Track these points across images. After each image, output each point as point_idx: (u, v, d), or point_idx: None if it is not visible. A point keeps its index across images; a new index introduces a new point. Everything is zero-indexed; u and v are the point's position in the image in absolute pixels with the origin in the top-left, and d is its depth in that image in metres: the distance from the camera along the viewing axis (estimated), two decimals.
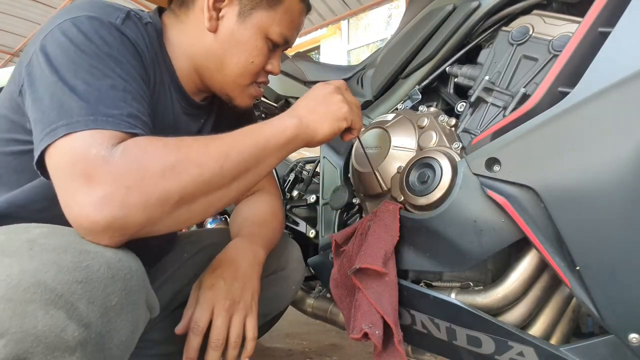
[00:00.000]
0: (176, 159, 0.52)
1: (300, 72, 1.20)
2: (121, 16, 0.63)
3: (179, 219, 0.54)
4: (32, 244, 0.46)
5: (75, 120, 0.51)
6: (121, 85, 0.57)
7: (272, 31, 0.74)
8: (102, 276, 0.47)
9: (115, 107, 0.54)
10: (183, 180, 0.52)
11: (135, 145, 0.52)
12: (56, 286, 0.43)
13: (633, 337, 0.56)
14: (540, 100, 0.63)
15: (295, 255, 0.97)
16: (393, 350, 0.72)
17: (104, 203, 0.48)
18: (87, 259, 0.47)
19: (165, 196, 0.51)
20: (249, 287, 0.72)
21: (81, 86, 0.54)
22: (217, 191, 0.57)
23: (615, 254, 0.56)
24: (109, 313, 0.47)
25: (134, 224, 0.50)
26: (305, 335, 1.66)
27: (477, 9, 0.79)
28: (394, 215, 0.77)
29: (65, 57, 0.56)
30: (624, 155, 0.54)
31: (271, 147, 0.62)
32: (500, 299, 0.69)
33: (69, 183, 0.50)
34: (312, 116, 0.67)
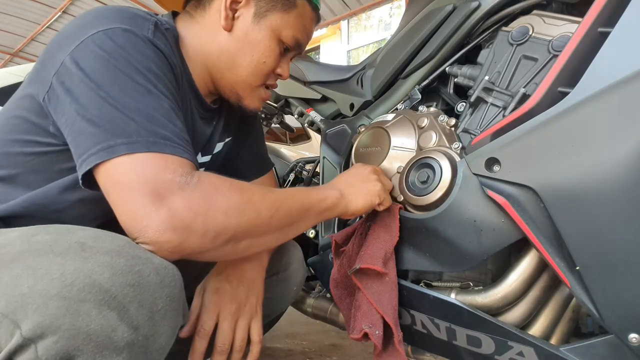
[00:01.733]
0: (240, 201, 0.57)
1: (300, 72, 1.20)
2: (151, 28, 0.64)
3: (223, 252, 0.58)
4: (83, 246, 0.48)
5: (135, 140, 0.54)
6: (166, 102, 0.59)
7: (285, 34, 0.76)
8: (151, 281, 0.49)
9: (165, 128, 0.57)
10: (241, 220, 0.57)
11: (207, 179, 0.56)
12: (110, 288, 0.45)
13: (633, 337, 0.56)
14: (540, 100, 0.63)
15: (297, 257, 0.97)
16: (393, 350, 0.72)
17: (171, 222, 0.51)
18: (139, 264, 0.49)
19: (223, 230, 0.55)
20: (254, 290, 0.73)
21: (131, 103, 0.55)
22: (261, 237, 0.61)
23: (615, 254, 0.56)
24: (154, 317, 0.49)
25: (189, 248, 0.53)
26: (305, 335, 1.66)
27: (477, 9, 0.79)
28: (394, 215, 0.77)
29: (107, 71, 0.56)
30: (624, 155, 0.54)
31: (314, 211, 0.69)
32: (500, 299, 0.69)
33: (136, 198, 0.52)
34: (351, 191, 0.75)
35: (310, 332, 1.71)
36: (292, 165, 1.36)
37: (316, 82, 1.15)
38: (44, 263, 0.46)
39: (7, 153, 0.64)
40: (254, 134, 1.00)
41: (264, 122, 1.48)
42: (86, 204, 0.65)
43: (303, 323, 1.78)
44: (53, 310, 0.42)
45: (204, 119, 0.82)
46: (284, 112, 1.37)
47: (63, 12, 6.94)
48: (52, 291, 0.43)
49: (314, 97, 1.16)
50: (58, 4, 6.65)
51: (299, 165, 1.34)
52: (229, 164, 0.96)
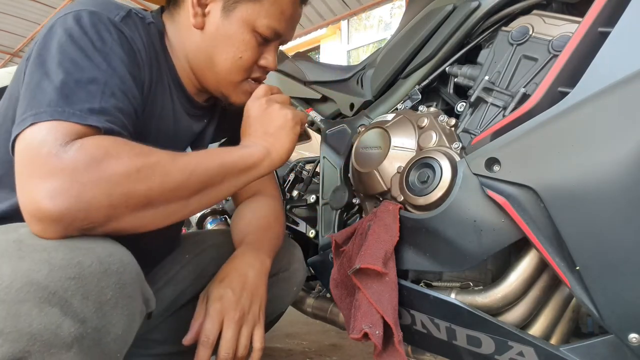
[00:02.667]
0: (142, 164, 0.53)
1: (300, 72, 1.20)
2: (121, 14, 0.63)
3: (144, 220, 0.55)
4: (20, 244, 0.46)
5: (42, 111, 0.51)
6: (103, 79, 0.56)
7: (259, 24, 0.71)
8: (94, 271, 0.47)
9: (88, 101, 0.53)
10: (147, 184, 0.53)
11: (94, 143, 0.50)
12: (49, 284, 0.44)
13: (633, 337, 0.56)
14: (540, 100, 0.63)
15: (297, 257, 0.97)
16: (393, 350, 0.72)
17: (54, 195, 0.47)
18: (78, 256, 0.47)
19: (129, 195, 0.51)
20: (257, 298, 0.72)
21: (60, 76, 0.53)
22: (179, 201, 0.58)
23: (615, 254, 0.56)
24: (103, 307, 0.47)
25: (95, 218, 0.49)
26: (305, 335, 1.66)
27: (477, 9, 0.79)
28: (394, 215, 0.77)
29: (55, 48, 0.56)
30: (624, 155, 0.54)
31: (236, 169, 0.64)
32: (500, 299, 0.69)
33: (23, 174, 0.49)
34: (268, 140, 0.69)
35: (310, 332, 1.71)
36: (292, 165, 1.36)
37: (316, 82, 1.15)
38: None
39: None
40: None
41: None
42: None
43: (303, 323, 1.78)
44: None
45: (193, 115, 0.80)
46: None
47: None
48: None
49: (314, 97, 1.16)
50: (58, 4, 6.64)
51: (299, 165, 1.34)
52: None
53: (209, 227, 1.42)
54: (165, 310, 0.87)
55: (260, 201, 0.93)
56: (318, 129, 1.14)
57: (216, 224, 1.42)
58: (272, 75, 1.26)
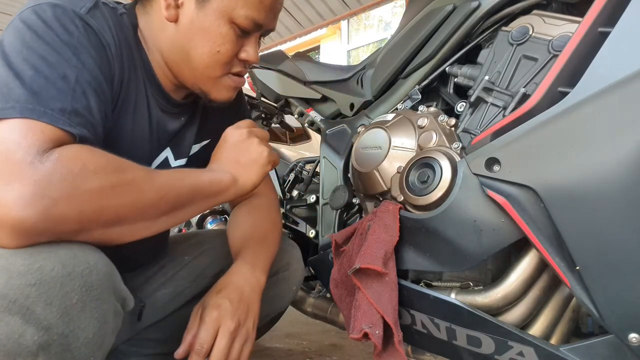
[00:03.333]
0: (117, 181, 0.52)
1: (300, 72, 1.20)
2: (87, 5, 0.60)
3: (112, 235, 0.53)
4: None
5: (10, 106, 0.48)
6: (73, 76, 0.54)
7: (236, 15, 0.66)
8: (56, 275, 0.46)
9: (59, 100, 0.51)
10: (121, 201, 0.52)
11: (72, 156, 0.49)
12: (8, 292, 0.43)
13: (633, 337, 0.56)
14: (540, 100, 0.63)
15: (296, 257, 0.97)
16: (393, 350, 0.72)
17: (23, 206, 0.44)
18: (39, 260, 0.45)
19: (100, 212, 0.50)
20: (251, 312, 0.71)
21: (28, 72, 0.51)
22: (147, 221, 0.57)
23: (615, 254, 0.56)
24: (69, 312, 0.46)
25: (62, 231, 0.48)
26: (305, 335, 1.66)
27: (477, 9, 0.79)
28: (394, 215, 0.77)
29: (18, 43, 0.53)
30: (624, 155, 0.54)
31: (204, 194, 0.64)
32: (500, 299, 0.69)
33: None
34: (238, 169, 0.69)
35: (310, 332, 1.71)
36: (292, 165, 1.36)
37: (316, 82, 1.15)
38: None
39: None
40: None
41: (263, 122, 1.48)
42: None
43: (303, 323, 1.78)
44: None
45: (169, 113, 0.77)
46: (284, 112, 1.37)
47: None
48: None
49: (314, 97, 1.16)
50: None
51: (299, 165, 1.34)
52: None
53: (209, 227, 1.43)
54: (162, 310, 0.87)
55: (257, 206, 0.90)
56: (318, 129, 1.14)
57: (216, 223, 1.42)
58: (272, 75, 1.26)
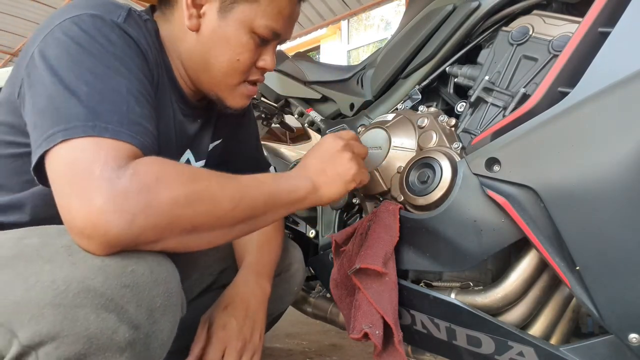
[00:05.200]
0: (191, 190, 0.52)
1: (300, 72, 1.20)
2: (123, 14, 0.61)
3: (188, 243, 0.54)
4: (70, 250, 0.48)
5: (72, 126, 0.50)
6: (124, 87, 0.55)
7: (257, 25, 0.68)
8: (146, 280, 0.49)
9: (116, 113, 0.52)
10: (195, 210, 0.52)
11: (146, 169, 0.50)
12: (105, 291, 0.46)
13: (633, 337, 0.56)
14: (540, 100, 0.63)
15: (297, 257, 0.97)
16: (393, 350, 0.72)
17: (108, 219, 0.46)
18: (131, 264, 0.48)
19: (176, 221, 0.51)
20: (257, 326, 0.75)
21: (82, 88, 0.52)
22: (224, 229, 0.57)
23: (615, 254, 0.56)
24: (154, 314, 0.49)
25: (142, 241, 0.50)
26: (305, 335, 1.66)
27: (477, 9, 0.79)
28: (394, 215, 0.77)
29: (66, 57, 0.54)
30: (624, 155, 0.54)
31: (282, 202, 0.63)
32: (500, 299, 0.69)
33: (71, 193, 0.48)
34: (322, 179, 0.68)
35: (310, 332, 1.71)
36: (292, 165, 1.36)
37: (316, 82, 1.15)
38: (34, 269, 0.46)
39: None
40: (247, 133, 0.96)
41: (264, 122, 1.48)
42: None
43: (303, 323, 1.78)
44: (50, 318, 0.43)
45: (187, 116, 0.78)
46: (284, 112, 1.37)
47: None
48: (46, 299, 0.43)
49: (314, 97, 1.16)
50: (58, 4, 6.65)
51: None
52: (224, 166, 0.94)
53: None
54: None
55: None
56: (318, 129, 1.14)
57: None
58: (272, 75, 1.26)
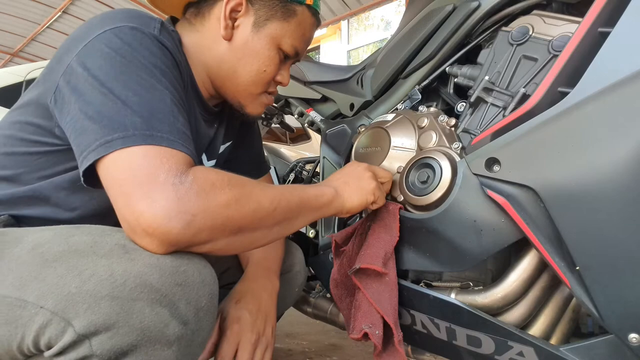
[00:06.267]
0: (240, 194, 0.57)
1: (300, 72, 1.20)
2: (158, 26, 0.65)
3: (234, 244, 0.58)
4: (125, 248, 0.51)
5: (131, 134, 0.53)
6: (169, 97, 0.59)
7: (284, 42, 0.76)
8: (195, 280, 0.52)
9: (166, 121, 0.56)
10: (243, 211, 0.57)
11: (204, 176, 0.55)
12: (160, 287, 0.49)
13: (633, 337, 0.56)
14: (540, 100, 0.63)
15: (299, 258, 0.98)
16: (393, 350, 0.72)
17: (169, 220, 0.50)
18: (183, 264, 0.52)
19: (227, 222, 0.55)
20: (270, 320, 0.76)
21: (132, 98, 0.55)
22: (264, 230, 0.61)
23: (615, 254, 0.56)
24: (199, 313, 0.52)
25: (196, 241, 0.53)
26: (305, 335, 1.66)
27: (477, 9, 0.79)
28: (394, 215, 0.77)
29: (111, 68, 0.57)
30: (624, 155, 0.54)
31: (311, 206, 0.68)
32: (500, 299, 0.69)
33: (130, 198, 0.51)
34: (346, 188, 0.74)
35: (310, 332, 1.71)
36: (292, 165, 1.36)
37: (316, 82, 1.15)
38: (88, 264, 0.48)
39: (13, 153, 0.65)
40: (252, 136, 1.00)
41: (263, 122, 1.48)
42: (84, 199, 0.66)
43: (303, 323, 1.78)
44: (106, 309, 0.45)
45: (207, 121, 0.83)
46: (284, 112, 1.37)
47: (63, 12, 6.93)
48: (103, 292, 0.46)
49: (314, 97, 1.16)
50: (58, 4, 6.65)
51: (299, 165, 1.34)
52: (227, 166, 0.96)
53: None
54: None
55: None
56: (318, 129, 1.14)
57: None
58: None
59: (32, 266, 0.49)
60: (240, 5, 0.73)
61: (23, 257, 0.51)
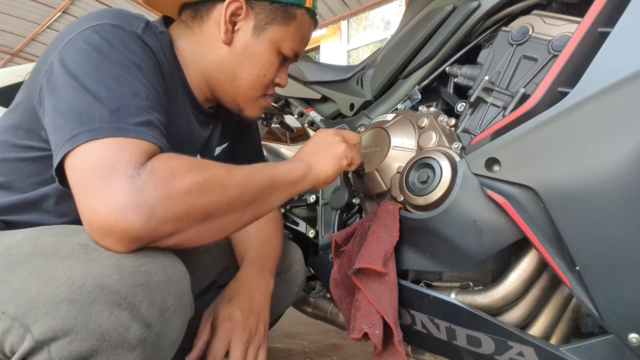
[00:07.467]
0: (202, 179, 0.54)
1: (300, 72, 1.20)
2: (142, 25, 0.64)
3: (203, 233, 0.56)
4: (87, 248, 0.49)
5: (97, 127, 0.51)
6: (143, 93, 0.57)
7: (284, 46, 0.76)
8: (159, 280, 0.50)
9: (137, 115, 0.55)
10: (209, 197, 0.54)
11: (162, 165, 0.52)
12: (120, 289, 0.47)
13: (633, 337, 0.56)
14: (540, 100, 0.63)
15: (298, 258, 0.98)
16: (393, 350, 0.72)
17: (128, 214, 0.48)
18: (146, 264, 0.50)
19: (191, 210, 0.53)
20: (262, 319, 0.75)
21: (104, 92, 0.54)
22: (235, 214, 0.59)
23: (615, 254, 0.56)
24: (165, 314, 0.50)
25: (160, 234, 0.51)
26: (305, 335, 1.66)
27: (477, 9, 0.79)
28: (394, 215, 0.77)
29: (87, 63, 0.56)
30: (624, 155, 0.54)
31: (283, 183, 0.66)
32: (500, 299, 0.69)
33: (91, 192, 0.49)
34: (316, 159, 0.73)
35: (310, 332, 1.71)
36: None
37: (316, 82, 1.15)
38: (50, 267, 0.47)
39: (5, 159, 0.64)
40: (251, 136, 1.00)
41: (263, 122, 1.48)
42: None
43: (303, 323, 1.78)
44: (64, 314, 0.43)
45: (201, 122, 0.82)
46: (284, 112, 1.37)
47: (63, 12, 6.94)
48: (61, 295, 0.44)
49: (314, 97, 1.16)
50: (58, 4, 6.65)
51: None
52: None
53: None
54: None
55: None
56: (318, 129, 1.14)
57: None
58: None
59: (1, 269, 0.48)
60: (240, 9, 0.72)
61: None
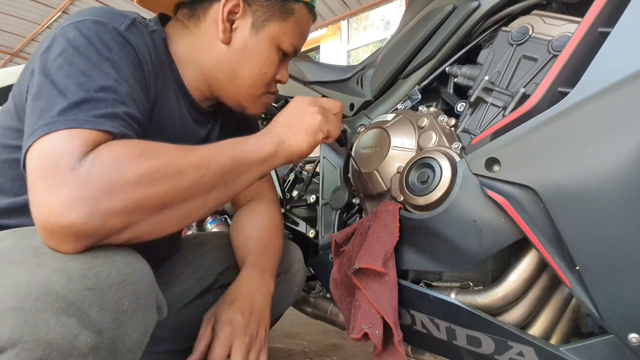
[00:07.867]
0: (153, 166, 0.51)
1: (300, 72, 1.20)
2: (126, 22, 0.63)
3: (161, 224, 0.53)
4: (37, 252, 0.46)
5: (55, 120, 0.50)
6: (113, 87, 0.55)
7: (284, 42, 0.75)
8: (112, 282, 0.47)
9: (101, 108, 0.52)
10: (163, 184, 0.51)
11: (107, 152, 0.49)
12: (67, 294, 0.44)
13: (633, 337, 0.56)
14: (540, 100, 0.63)
15: (298, 258, 0.98)
16: (393, 350, 0.72)
17: (69, 209, 0.45)
18: (96, 265, 0.47)
19: (143, 200, 0.50)
20: (263, 322, 0.74)
21: (71, 87, 0.53)
22: (197, 199, 0.56)
23: (615, 254, 0.56)
24: (120, 318, 0.47)
25: (110, 229, 0.48)
26: (305, 335, 1.66)
27: (476, 9, 0.79)
28: (394, 215, 0.77)
29: (61, 59, 0.55)
30: (624, 155, 0.54)
31: (250, 162, 0.62)
32: (500, 299, 0.69)
33: (38, 187, 0.47)
34: (289, 132, 0.68)
35: (310, 332, 1.71)
36: (292, 165, 1.36)
37: (316, 82, 1.15)
38: (1, 272, 0.44)
39: None
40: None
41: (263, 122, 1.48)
42: None
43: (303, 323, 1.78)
44: (11, 323, 0.41)
45: (198, 121, 0.81)
46: None
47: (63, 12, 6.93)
48: (9, 303, 0.41)
49: None
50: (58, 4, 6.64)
51: (298, 165, 1.34)
52: None
53: (209, 227, 1.43)
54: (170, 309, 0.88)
55: (259, 210, 0.93)
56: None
57: (216, 224, 1.42)
58: None
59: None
60: (237, 7, 0.71)
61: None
